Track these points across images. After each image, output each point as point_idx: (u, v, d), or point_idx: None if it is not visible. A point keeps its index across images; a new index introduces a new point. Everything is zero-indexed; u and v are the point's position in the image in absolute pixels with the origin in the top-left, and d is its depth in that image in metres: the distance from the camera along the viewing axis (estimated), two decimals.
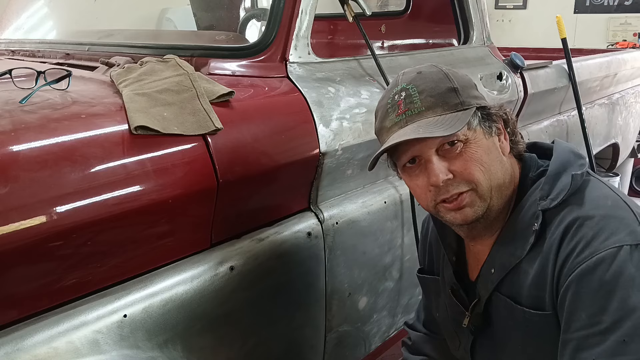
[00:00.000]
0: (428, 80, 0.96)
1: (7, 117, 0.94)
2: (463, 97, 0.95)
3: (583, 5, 5.26)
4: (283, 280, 1.27)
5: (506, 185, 0.98)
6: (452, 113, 0.94)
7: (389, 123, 0.98)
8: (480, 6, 2.01)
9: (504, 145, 0.99)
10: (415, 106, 0.94)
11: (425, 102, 0.94)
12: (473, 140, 0.94)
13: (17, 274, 0.87)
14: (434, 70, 0.97)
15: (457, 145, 0.94)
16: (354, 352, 1.57)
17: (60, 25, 2.07)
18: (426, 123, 0.93)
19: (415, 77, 0.97)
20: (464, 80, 0.98)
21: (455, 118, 0.93)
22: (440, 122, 0.93)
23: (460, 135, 0.93)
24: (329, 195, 1.40)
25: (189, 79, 1.14)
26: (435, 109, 0.94)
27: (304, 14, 1.36)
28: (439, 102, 0.94)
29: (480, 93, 1.00)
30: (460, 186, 0.94)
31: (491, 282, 1.00)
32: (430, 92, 0.95)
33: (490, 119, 0.97)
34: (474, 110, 0.95)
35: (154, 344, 1.03)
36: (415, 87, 0.95)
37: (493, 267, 1.00)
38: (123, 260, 1.01)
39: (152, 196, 0.98)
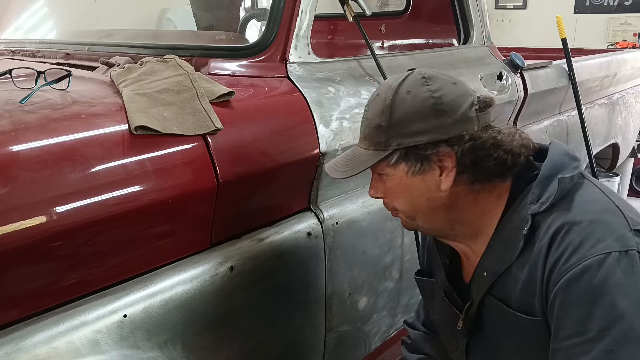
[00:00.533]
0: (373, 110, 0.99)
1: (7, 117, 0.94)
2: (385, 137, 0.96)
3: (583, 5, 5.26)
4: (283, 280, 1.27)
5: (445, 213, 0.99)
6: (371, 150, 0.98)
7: None
8: (480, 6, 2.01)
9: (442, 181, 0.96)
10: (362, 130, 1.02)
11: (364, 132, 1.01)
12: (392, 175, 0.98)
13: (17, 274, 0.87)
14: (381, 99, 0.98)
15: (382, 176, 1.00)
16: (354, 352, 1.57)
17: (60, 25, 2.07)
18: (352, 154, 1.03)
19: (373, 99, 1.01)
20: (408, 112, 0.95)
21: (367, 157, 0.99)
22: (356, 157, 1.01)
23: (381, 171, 0.99)
24: (329, 195, 1.40)
25: (189, 79, 1.14)
26: (366, 140, 1.00)
27: (304, 14, 1.36)
28: (369, 136, 0.99)
29: (434, 123, 0.94)
30: (388, 205, 1.04)
31: (483, 285, 1.00)
32: (369, 123, 0.99)
33: (421, 158, 0.95)
34: (392, 152, 0.96)
35: (154, 344, 1.03)
36: (366, 111, 1.01)
37: (485, 271, 1.00)
38: (123, 260, 1.01)
39: (152, 196, 0.98)
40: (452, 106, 0.94)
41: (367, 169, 1.00)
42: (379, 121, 0.96)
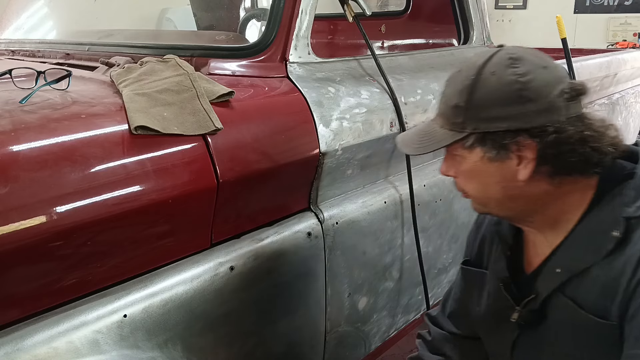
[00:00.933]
0: (452, 87, 0.94)
1: (7, 117, 0.94)
2: (462, 118, 0.91)
3: (583, 5, 5.26)
4: (283, 280, 1.27)
5: (522, 203, 0.94)
6: (446, 130, 0.94)
7: None
8: (480, 6, 2.01)
9: (520, 171, 0.90)
10: (439, 105, 0.98)
11: (440, 109, 0.97)
12: (467, 158, 0.93)
13: (17, 274, 0.87)
14: (464, 77, 0.92)
15: (456, 156, 0.96)
16: (354, 352, 1.57)
17: (60, 25, 2.07)
18: (425, 129, 0.98)
19: (454, 75, 0.96)
20: (490, 95, 0.89)
21: (442, 136, 0.94)
22: (431, 134, 0.96)
23: (455, 151, 0.95)
24: (329, 195, 1.40)
25: (189, 79, 1.14)
26: (442, 118, 0.95)
27: (304, 14, 1.36)
28: (444, 114, 0.95)
29: (516, 110, 0.87)
30: (458, 187, 0.99)
31: (553, 282, 0.95)
32: (446, 101, 0.95)
33: (499, 145, 0.90)
34: (468, 134, 0.91)
35: (154, 344, 1.03)
36: (445, 88, 0.97)
37: (559, 267, 0.94)
38: (123, 260, 1.01)
39: (152, 196, 0.98)
40: (538, 93, 0.87)
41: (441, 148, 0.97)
42: (457, 101, 0.91)
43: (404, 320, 1.74)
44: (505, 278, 1.03)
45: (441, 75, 1.70)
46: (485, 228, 1.16)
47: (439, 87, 1.66)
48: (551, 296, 0.96)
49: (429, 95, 1.62)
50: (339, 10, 1.48)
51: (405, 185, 1.54)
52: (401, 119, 1.47)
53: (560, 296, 0.94)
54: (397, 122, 1.47)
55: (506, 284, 1.03)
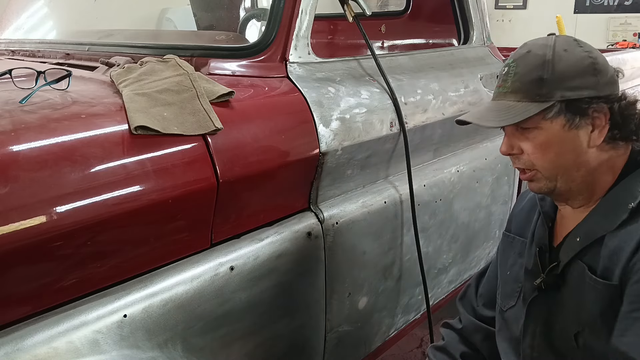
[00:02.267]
0: (527, 64, 1.02)
1: (7, 117, 0.94)
2: (548, 89, 0.99)
3: (583, 5, 5.26)
4: (283, 280, 1.27)
5: (584, 172, 1.03)
6: (527, 102, 1.01)
7: (494, 91, 1.10)
8: (480, 6, 2.01)
9: (593, 138, 1.01)
10: (506, 85, 1.05)
11: (513, 86, 1.03)
12: (546, 129, 1.01)
13: (17, 274, 0.87)
14: (539, 54, 1.02)
15: (531, 130, 1.02)
16: (354, 352, 1.57)
17: (60, 25, 2.07)
18: (500, 107, 1.04)
19: (522, 55, 1.04)
20: (569, 67, 1.00)
21: (525, 108, 1.00)
22: (510, 108, 1.02)
23: (529, 123, 1.01)
24: (329, 195, 1.40)
25: (189, 79, 1.14)
26: (517, 94, 1.02)
27: (304, 14, 1.36)
28: (522, 89, 1.02)
29: (592, 80, 1.00)
30: (525, 163, 1.05)
31: (573, 249, 1.04)
32: (520, 77, 1.02)
33: (580, 112, 1.00)
34: (553, 103, 0.99)
35: (154, 344, 1.03)
36: (515, 67, 1.04)
37: (578, 236, 1.04)
38: (123, 260, 1.01)
39: (152, 196, 0.98)
40: (605, 67, 1.03)
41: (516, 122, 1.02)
42: (540, 74, 1.00)
43: (404, 320, 1.74)
44: (544, 245, 1.12)
45: (441, 75, 1.71)
46: (526, 203, 1.26)
47: (439, 87, 1.66)
48: (570, 263, 1.05)
49: (429, 95, 1.62)
50: (339, 10, 1.47)
51: (405, 185, 1.54)
52: (401, 119, 1.47)
53: (578, 262, 1.03)
54: (397, 122, 1.47)
55: (542, 250, 1.12)
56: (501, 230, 2.13)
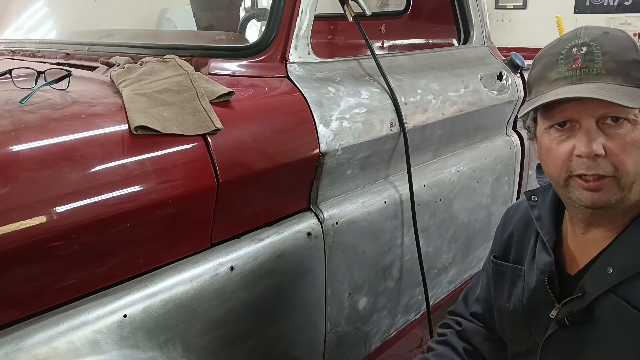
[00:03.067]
0: (614, 44, 0.88)
1: (7, 117, 0.94)
2: None
3: (583, 5, 5.25)
4: (283, 280, 1.27)
5: None
6: (632, 87, 0.85)
7: (555, 75, 0.89)
8: (480, 6, 2.01)
9: None
10: (595, 66, 0.86)
11: (607, 66, 0.86)
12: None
13: (17, 274, 0.87)
14: (622, 36, 0.89)
15: (622, 124, 0.85)
16: (354, 352, 1.57)
17: (60, 25, 2.07)
18: (607, 88, 0.85)
19: (601, 35, 0.88)
20: None
21: (637, 94, 0.84)
22: (621, 92, 0.84)
23: (629, 114, 0.85)
24: (329, 195, 1.40)
25: (189, 79, 1.14)
26: (616, 76, 0.86)
27: (304, 14, 1.36)
28: (621, 71, 0.86)
29: None
30: (605, 168, 0.86)
31: (606, 282, 0.91)
32: (614, 57, 0.86)
33: None
34: None
35: (154, 344, 1.03)
36: (599, 46, 0.87)
37: (612, 266, 0.91)
38: (123, 260, 1.01)
39: (152, 196, 0.98)
40: None
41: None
42: (636, 56, 0.86)
43: (404, 320, 1.74)
44: (552, 273, 1.00)
45: (441, 75, 1.71)
46: (514, 225, 1.14)
47: (439, 87, 1.66)
48: (600, 296, 0.92)
49: (429, 95, 1.62)
50: (339, 10, 1.47)
51: (405, 185, 1.54)
52: (401, 119, 1.47)
53: (611, 296, 0.91)
54: (397, 122, 1.47)
55: (551, 279, 1.00)
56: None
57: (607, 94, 0.83)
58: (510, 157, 2.07)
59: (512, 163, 2.08)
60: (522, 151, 2.12)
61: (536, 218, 1.06)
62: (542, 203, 1.07)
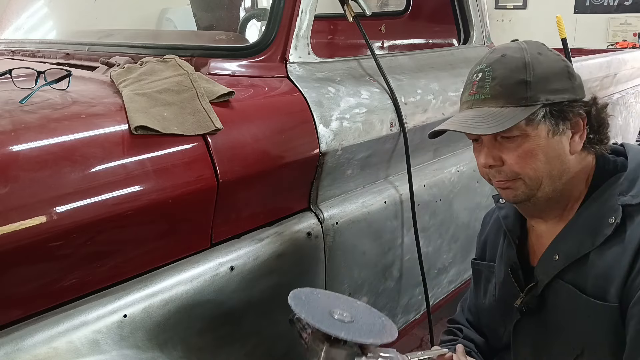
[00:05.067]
0: (505, 67, 0.97)
1: (7, 117, 0.94)
2: (532, 92, 0.95)
3: (583, 5, 5.26)
4: (283, 280, 1.27)
5: (565, 180, 0.99)
6: (513, 107, 0.95)
7: (463, 99, 1.04)
8: (480, 6, 2.01)
9: (574, 143, 0.98)
10: (483, 91, 0.98)
11: (493, 91, 0.97)
12: (532, 136, 0.96)
13: (17, 274, 0.87)
14: (517, 57, 0.97)
15: (513, 139, 0.96)
16: None
17: (60, 25, 2.07)
18: (482, 113, 0.97)
19: (497, 60, 0.99)
20: (548, 70, 0.96)
21: (512, 113, 0.94)
22: (497, 115, 0.95)
23: (514, 131, 0.95)
24: (329, 195, 1.40)
25: (189, 79, 1.14)
26: (499, 99, 0.96)
27: (304, 14, 1.36)
28: (505, 93, 0.96)
29: (569, 84, 0.97)
30: (508, 174, 0.99)
31: (553, 268, 1.01)
32: (500, 81, 0.97)
33: (562, 116, 0.96)
34: (539, 107, 0.95)
35: (154, 344, 1.03)
36: (491, 72, 0.98)
37: (557, 254, 1.01)
38: (123, 260, 1.01)
39: (152, 196, 0.98)
40: (574, 71, 1.00)
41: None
42: (522, 77, 0.95)
43: (404, 320, 1.74)
44: (514, 264, 1.09)
45: (441, 75, 1.71)
46: (489, 229, 1.23)
47: (439, 87, 1.66)
48: (551, 282, 1.01)
49: (429, 95, 1.62)
50: (339, 10, 1.47)
51: (405, 185, 1.54)
52: (401, 119, 1.47)
53: (560, 282, 1.00)
54: (397, 122, 1.47)
55: (514, 270, 1.08)
56: None
57: (474, 122, 0.97)
58: None
59: None
60: None
61: (503, 217, 1.15)
62: (509, 203, 1.14)
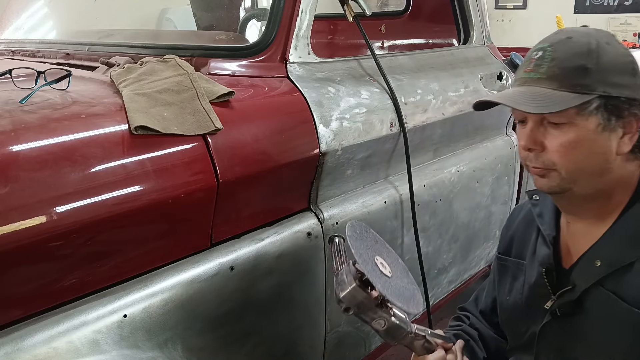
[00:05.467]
0: (568, 50, 0.92)
1: (7, 117, 0.94)
2: (590, 80, 0.89)
3: (583, 5, 5.25)
4: (283, 280, 1.27)
5: (605, 179, 0.95)
6: (566, 92, 0.90)
7: (518, 75, 0.99)
8: (480, 6, 2.02)
9: (623, 144, 0.93)
10: (540, 70, 0.93)
11: (550, 71, 0.92)
12: (580, 126, 0.91)
13: (17, 274, 0.87)
14: (583, 42, 0.92)
15: (560, 126, 0.92)
16: (354, 352, 1.57)
17: (60, 25, 2.07)
18: (533, 92, 0.92)
19: (561, 41, 0.94)
20: (612, 61, 0.91)
21: (564, 98, 0.90)
22: (547, 97, 0.90)
23: (562, 117, 0.90)
24: (329, 195, 1.40)
25: (189, 79, 1.14)
26: (554, 81, 0.91)
27: (304, 14, 1.36)
28: (561, 76, 0.91)
29: (631, 81, 0.91)
30: (545, 161, 0.94)
31: (594, 275, 0.95)
32: (560, 63, 0.92)
33: (617, 113, 0.91)
34: (594, 98, 0.89)
35: (154, 344, 1.03)
36: (552, 52, 0.93)
37: (599, 260, 0.96)
38: (123, 260, 1.01)
39: (152, 196, 0.98)
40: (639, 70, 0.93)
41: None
42: (584, 62, 0.90)
43: None
44: (550, 265, 1.04)
45: (441, 75, 1.71)
46: (518, 223, 1.19)
47: (439, 87, 1.66)
48: (590, 289, 0.96)
49: (429, 95, 1.62)
50: (339, 10, 1.47)
51: (405, 185, 1.54)
52: (401, 119, 1.47)
53: (600, 289, 0.95)
54: (397, 122, 1.47)
55: (549, 271, 1.04)
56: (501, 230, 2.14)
57: (524, 99, 0.92)
58: (510, 157, 2.07)
59: (512, 163, 2.08)
60: None
61: (537, 215, 1.11)
62: (544, 201, 1.12)
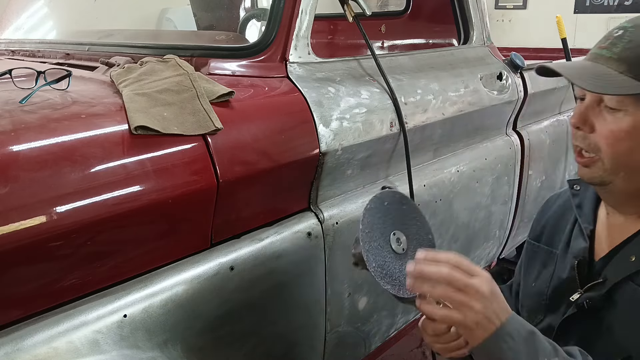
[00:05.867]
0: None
1: (7, 117, 0.94)
2: None
3: (583, 5, 5.25)
4: (283, 280, 1.27)
5: None
6: (631, 78, 0.87)
7: (592, 49, 0.96)
8: (480, 6, 2.01)
9: None
10: (613, 49, 0.90)
11: (623, 53, 0.89)
12: (635, 117, 0.88)
13: (17, 274, 0.87)
14: None
15: (616, 112, 0.89)
16: (354, 352, 1.57)
17: (60, 25, 2.07)
18: (597, 70, 0.90)
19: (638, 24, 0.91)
20: None
21: (627, 83, 0.87)
22: (610, 77, 0.88)
23: (619, 103, 0.88)
24: (329, 195, 1.40)
25: (189, 79, 1.14)
26: (622, 64, 0.88)
27: (304, 14, 1.36)
28: (632, 61, 0.88)
29: None
30: (589, 145, 0.92)
31: (626, 269, 0.94)
32: (636, 47, 0.88)
33: None
34: None
35: (154, 344, 1.03)
36: (633, 33, 0.90)
37: (634, 255, 0.94)
38: (123, 260, 1.01)
39: (152, 196, 0.98)
40: None
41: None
42: None
43: (404, 320, 1.74)
44: (583, 258, 1.02)
45: (441, 75, 1.71)
46: (554, 211, 1.17)
47: (439, 87, 1.66)
48: (620, 283, 0.95)
49: (429, 95, 1.62)
50: (339, 10, 1.47)
51: (405, 185, 1.54)
52: (401, 119, 1.47)
53: (629, 283, 0.93)
54: (397, 122, 1.47)
55: (581, 263, 1.02)
56: (501, 230, 2.14)
57: (585, 74, 0.89)
58: (510, 157, 2.07)
59: (512, 163, 2.08)
60: (522, 151, 2.12)
61: (577, 206, 1.09)
62: (585, 191, 1.10)
